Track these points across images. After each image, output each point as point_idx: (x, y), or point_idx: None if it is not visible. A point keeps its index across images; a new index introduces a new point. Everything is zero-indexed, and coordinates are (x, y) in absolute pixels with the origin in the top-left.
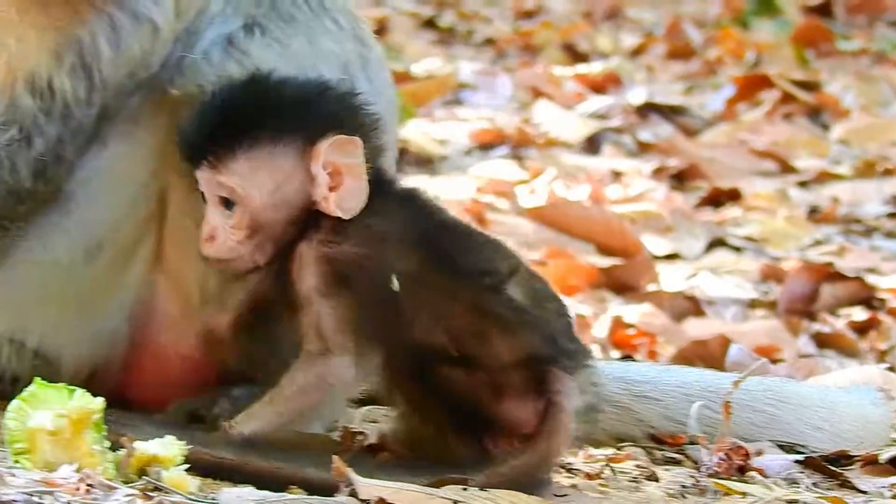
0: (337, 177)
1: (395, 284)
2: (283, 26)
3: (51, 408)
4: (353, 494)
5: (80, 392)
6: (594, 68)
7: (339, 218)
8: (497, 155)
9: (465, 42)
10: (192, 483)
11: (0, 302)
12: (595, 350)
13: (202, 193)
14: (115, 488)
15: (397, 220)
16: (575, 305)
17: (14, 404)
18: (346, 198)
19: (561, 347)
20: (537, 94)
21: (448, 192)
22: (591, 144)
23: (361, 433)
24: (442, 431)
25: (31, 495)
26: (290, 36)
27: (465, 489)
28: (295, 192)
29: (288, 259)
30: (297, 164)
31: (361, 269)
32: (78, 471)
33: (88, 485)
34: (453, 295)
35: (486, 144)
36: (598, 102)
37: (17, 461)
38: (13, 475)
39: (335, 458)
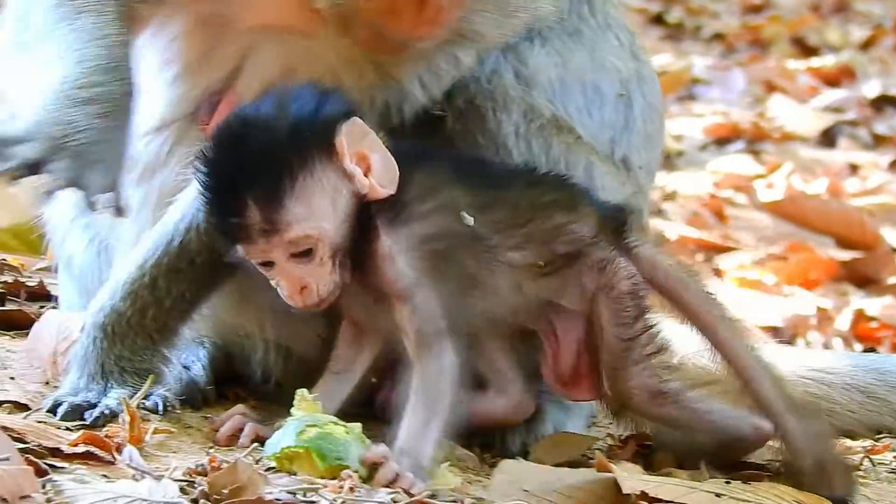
0: (364, 161)
1: (468, 219)
2: (567, 39)
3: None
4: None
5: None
6: (827, 62)
7: (390, 206)
8: (733, 150)
9: (693, 37)
10: (454, 480)
11: (269, 310)
12: (838, 343)
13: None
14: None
15: (438, 178)
16: (816, 299)
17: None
18: (381, 173)
19: None
20: (771, 88)
21: (686, 187)
22: (827, 138)
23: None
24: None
25: (295, 493)
26: (573, 50)
27: (727, 482)
28: (346, 198)
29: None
30: (334, 173)
31: (443, 233)
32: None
33: (352, 486)
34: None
35: (722, 139)
36: (832, 96)
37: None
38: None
39: (598, 453)
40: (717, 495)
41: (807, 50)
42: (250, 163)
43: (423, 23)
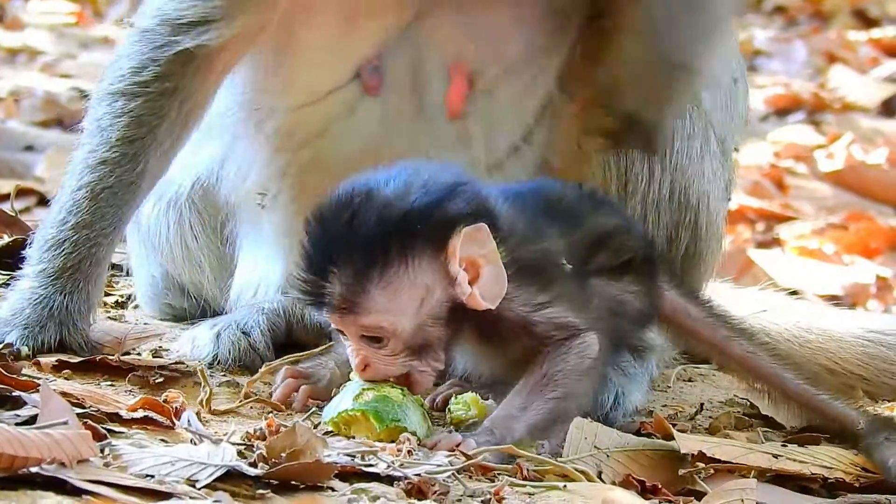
0: (474, 269)
1: (567, 266)
2: None
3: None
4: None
5: None
6: (888, 33)
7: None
8: (794, 120)
9: (755, 10)
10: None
11: None
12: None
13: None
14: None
15: (527, 226)
16: (876, 268)
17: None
18: (488, 287)
19: None
20: (832, 59)
21: (747, 157)
22: (887, 108)
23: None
24: None
25: (354, 457)
26: None
27: (784, 445)
28: (439, 300)
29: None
30: (433, 273)
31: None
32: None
33: (410, 449)
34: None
35: (783, 110)
36: (892, 66)
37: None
38: (334, 441)
39: (656, 413)
40: (775, 456)
41: (868, 21)
42: (351, 235)
43: None
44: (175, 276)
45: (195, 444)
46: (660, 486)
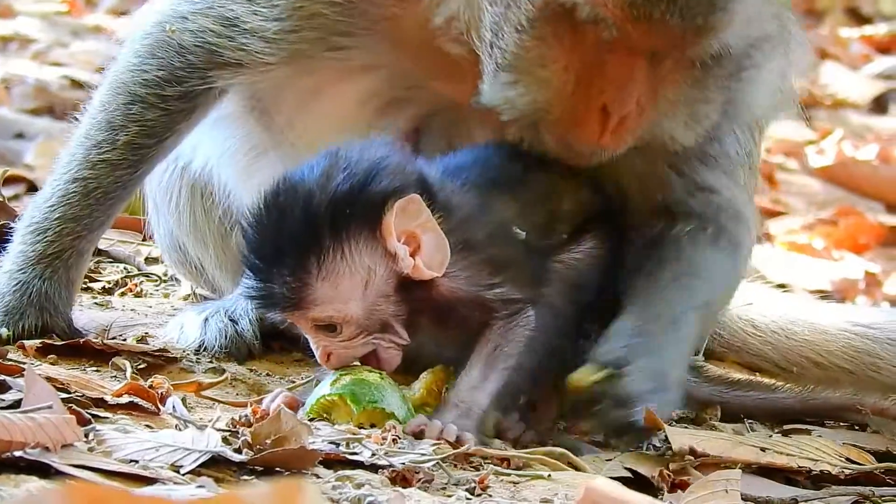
0: (413, 241)
1: (521, 234)
2: None
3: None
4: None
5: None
6: (880, 30)
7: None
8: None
9: None
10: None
11: None
12: (886, 308)
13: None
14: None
15: (471, 201)
16: (865, 263)
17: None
18: (430, 255)
19: None
20: (824, 55)
21: None
22: (879, 105)
23: None
24: None
25: (338, 444)
26: None
27: (770, 436)
28: (384, 278)
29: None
30: (371, 253)
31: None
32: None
33: (395, 437)
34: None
35: None
36: (884, 63)
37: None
38: (318, 428)
39: (647, 408)
40: (762, 449)
41: (860, 19)
42: (284, 235)
43: (607, 133)
44: (181, 241)
45: (180, 429)
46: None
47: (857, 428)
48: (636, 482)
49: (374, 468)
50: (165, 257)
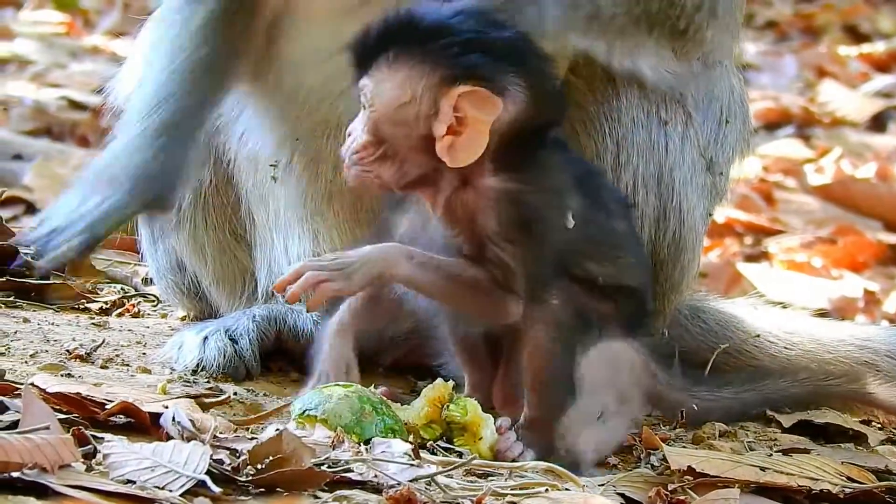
0: (461, 125)
1: (570, 221)
2: None
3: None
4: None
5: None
6: (878, 48)
7: (513, 163)
8: (783, 134)
9: (746, 25)
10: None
11: None
12: (885, 325)
13: None
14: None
15: (561, 168)
16: (863, 282)
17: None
18: (460, 147)
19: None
20: (822, 73)
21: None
22: (877, 123)
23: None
24: None
25: (337, 463)
26: None
27: (770, 455)
28: (415, 117)
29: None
30: (427, 93)
31: (542, 215)
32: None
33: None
34: (609, 231)
35: (772, 124)
36: (882, 81)
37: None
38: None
39: (645, 427)
40: (762, 469)
41: (858, 37)
42: (408, 25)
43: None
44: (181, 257)
45: (178, 449)
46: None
47: (858, 447)
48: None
49: (373, 489)
50: (160, 285)
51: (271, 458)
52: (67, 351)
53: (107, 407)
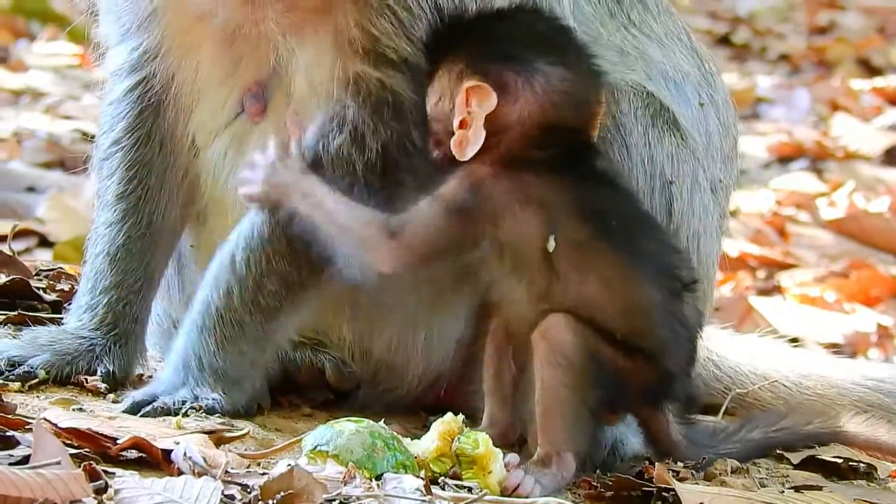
0: (470, 118)
1: (552, 244)
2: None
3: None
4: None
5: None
6: (891, 82)
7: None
8: (796, 168)
9: (759, 58)
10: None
11: (349, 312)
12: None
13: None
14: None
15: (565, 189)
16: (877, 316)
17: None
18: (466, 139)
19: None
20: (835, 107)
21: (748, 204)
22: (890, 157)
23: None
24: None
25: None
26: (645, 43)
27: (782, 492)
28: (446, 113)
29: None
30: (448, 91)
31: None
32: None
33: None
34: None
35: (785, 157)
36: (895, 115)
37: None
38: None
39: (658, 465)
40: None
41: (871, 70)
42: (453, 32)
43: None
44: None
45: (190, 483)
46: None
47: (870, 483)
48: None
49: None
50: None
51: (283, 493)
52: (80, 384)
53: (118, 441)
